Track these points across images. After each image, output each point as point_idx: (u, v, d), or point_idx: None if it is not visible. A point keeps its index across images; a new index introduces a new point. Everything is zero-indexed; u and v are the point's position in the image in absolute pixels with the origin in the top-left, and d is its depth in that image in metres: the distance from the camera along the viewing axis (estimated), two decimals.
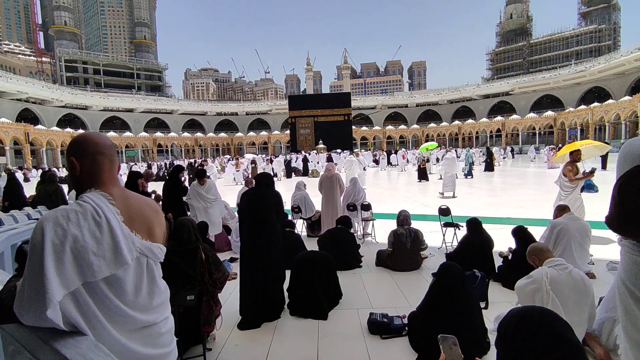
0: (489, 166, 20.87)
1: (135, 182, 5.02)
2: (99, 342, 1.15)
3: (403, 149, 35.45)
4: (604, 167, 18.49)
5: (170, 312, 1.49)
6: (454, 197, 11.61)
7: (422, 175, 17.05)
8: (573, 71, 59.23)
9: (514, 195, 11.70)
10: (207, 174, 20.94)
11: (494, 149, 26.88)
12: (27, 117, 51.74)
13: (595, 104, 47.22)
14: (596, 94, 56.22)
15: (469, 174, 18.02)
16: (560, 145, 31.99)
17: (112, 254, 1.19)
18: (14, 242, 3.49)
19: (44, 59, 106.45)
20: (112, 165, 1.37)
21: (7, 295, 1.22)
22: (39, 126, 47.69)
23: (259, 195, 3.83)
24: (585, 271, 4.08)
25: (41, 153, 44.39)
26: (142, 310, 1.30)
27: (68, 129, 52.16)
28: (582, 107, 50.32)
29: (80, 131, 52.92)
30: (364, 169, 13.89)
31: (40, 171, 21.23)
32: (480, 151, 27.82)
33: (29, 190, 8.67)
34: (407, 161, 27.41)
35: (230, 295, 4.15)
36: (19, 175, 13.81)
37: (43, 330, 1.12)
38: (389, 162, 29.58)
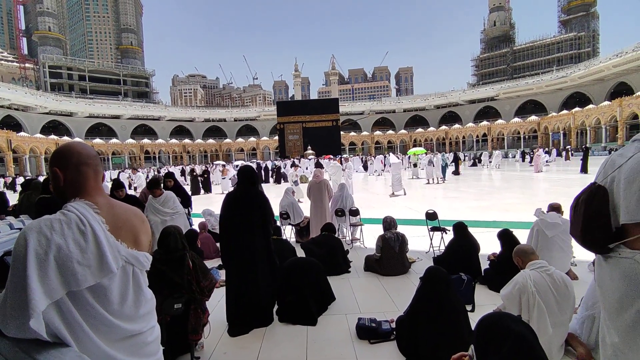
0: (456, 170, 22.94)
1: (115, 192, 5.03)
2: (83, 353, 1.14)
3: (386, 154, 35.97)
4: (584, 170, 18.97)
5: (156, 321, 1.48)
6: (404, 194, 13.80)
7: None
8: (555, 77, 60.77)
9: (500, 199, 11.90)
10: (211, 179, 20.41)
11: (484, 154, 27.91)
12: (9, 124, 50.54)
13: (577, 109, 48.58)
14: (577, 99, 57.75)
15: (444, 174, 19.02)
16: (545, 149, 32.71)
17: (97, 262, 1.19)
18: None
19: (27, 65, 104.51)
20: (97, 175, 1.38)
21: None
22: (22, 133, 46.72)
23: (241, 194, 3.66)
24: (566, 271, 4.17)
25: (24, 161, 43.44)
26: (127, 319, 1.30)
27: (52, 136, 51.20)
28: (564, 112, 51.64)
29: (66, 138, 52.09)
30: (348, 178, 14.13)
31: (21, 179, 20.62)
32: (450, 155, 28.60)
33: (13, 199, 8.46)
34: (385, 166, 27.86)
35: (218, 303, 4.11)
36: None
37: (25, 342, 1.10)
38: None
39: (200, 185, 19.06)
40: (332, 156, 37.75)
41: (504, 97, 67.38)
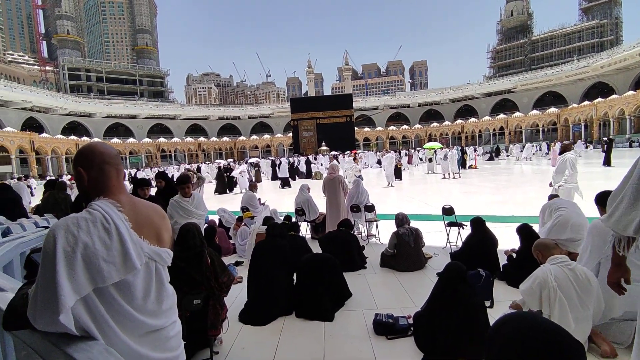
0: (463, 164, 22.73)
1: (138, 190, 4.94)
2: (109, 347, 1.18)
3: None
4: (607, 163, 18.40)
5: (177, 316, 1.52)
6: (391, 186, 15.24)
7: (397, 174, 18.07)
8: (575, 67, 58.98)
9: (518, 193, 11.67)
10: (234, 177, 19.51)
11: (515, 146, 30.75)
12: (32, 125, 52.19)
13: (599, 99, 46.98)
14: (599, 89, 55.87)
15: (462, 166, 19.58)
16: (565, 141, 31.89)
17: (121, 259, 1.23)
18: (23, 250, 3.53)
19: (47, 67, 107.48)
20: (119, 173, 1.42)
21: (19, 302, 1.25)
22: (44, 134, 48.11)
23: (269, 248, 4.04)
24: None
25: (46, 161, 44.78)
26: (150, 314, 1.34)
27: (72, 137, 52.65)
28: (586, 103, 50.03)
29: (85, 139, 53.43)
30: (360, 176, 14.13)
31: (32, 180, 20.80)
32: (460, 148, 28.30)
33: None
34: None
35: (236, 299, 4.17)
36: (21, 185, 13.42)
37: (55, 336, 1.14)
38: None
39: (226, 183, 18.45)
40: (358, 151, 37.59)
41: (522, 89, 65.81)
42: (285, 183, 18.64)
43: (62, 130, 56.95)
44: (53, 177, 16.96)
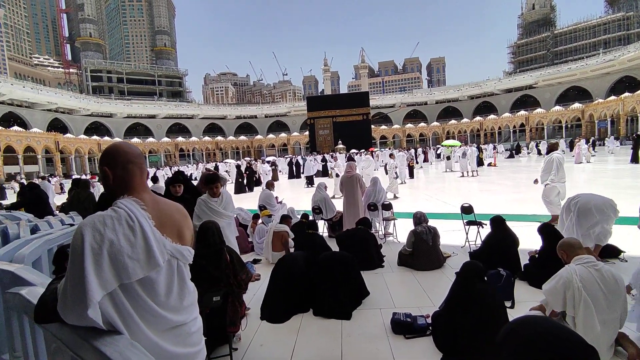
0: (480, 162, 22.35)
1: (170, 187, 4.79)
2: (134, 341, 1.22)
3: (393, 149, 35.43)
4: (634, 160, 17.72)
5: (198, 312, 1.55)
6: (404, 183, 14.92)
7: (409, 173, 18.17)
8: (601, 61, 56.85)
9: (539, 192, 11.35)
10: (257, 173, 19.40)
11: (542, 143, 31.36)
12: (56, 126, 53.97)
13: (627, 94, 45.09)
14: (627, 83, 53.72)
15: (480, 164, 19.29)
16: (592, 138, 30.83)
17: (145, 256, 1.26)
18: (50, 247, 3.67)
19: (71, 70, 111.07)
20: (142, 172, 1.45)
21: (50, 297, 1.30)
22: (68, 135, 49.62)
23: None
24: None
25: (70, 160, 46.22)
26: (173, 310, 1.37)
27: (95, 137, 54.12)
28: (612, 97, 48.12)
29: (106, 139, 54.91)
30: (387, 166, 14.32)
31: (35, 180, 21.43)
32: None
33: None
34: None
35: (254, 296, 4.22)
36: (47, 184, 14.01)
37: (83, 329, 1.19)
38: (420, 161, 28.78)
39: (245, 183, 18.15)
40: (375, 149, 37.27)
41: (544, 85, 63.94)
42: (310, 181, 18.52)
43: (84, 131, 58.64)
44: (79, 177, 17.46)
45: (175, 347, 1.37)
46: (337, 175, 15.65)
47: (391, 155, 16.14)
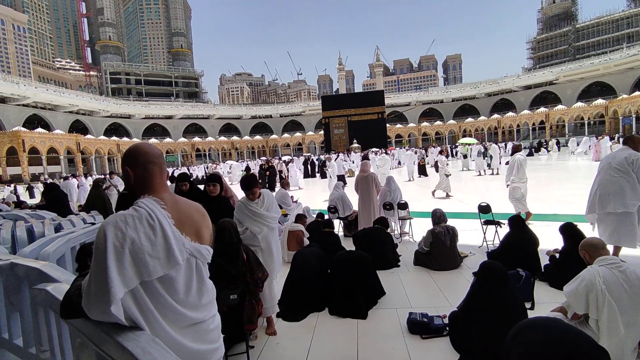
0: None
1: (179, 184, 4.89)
2: (155, 337, 1.25)
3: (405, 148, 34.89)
4: None
5: (216, 310, 1.58)
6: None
7: (422, 171, 18.35)
8: (625, 55, 54.88)
9: (559, 190, 11.08)
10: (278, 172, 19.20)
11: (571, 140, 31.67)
12: (77, 127, 55.53)
13: None
14: None
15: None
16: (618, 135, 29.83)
17: (165, 254, 1.29)
18: (73, 245, 3.78)
19: (91, 72, 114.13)
20: (162, 172, 1.48)
21: (74, 293, 1.34)
22: (88, 136, 50.95)
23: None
24: None
25: (91, 161, 47.46)
26: (192, 308, 1.39)
27: (114, 138, 55.46)
28: (637, 93, 46.50)
29: (125, 139, 56.18)
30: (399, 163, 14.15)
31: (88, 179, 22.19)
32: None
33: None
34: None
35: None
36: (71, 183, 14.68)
37: (106, 325, 1.23)
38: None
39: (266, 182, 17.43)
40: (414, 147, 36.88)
41: (565, 81, 62.12)
42: (343, 181, 17.40)
43: (104, 132, 60.10)
44: (99, 177, 17.95)
45: (194, 343, 1.40)
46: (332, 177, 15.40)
47: (441, 152, 15.94)
